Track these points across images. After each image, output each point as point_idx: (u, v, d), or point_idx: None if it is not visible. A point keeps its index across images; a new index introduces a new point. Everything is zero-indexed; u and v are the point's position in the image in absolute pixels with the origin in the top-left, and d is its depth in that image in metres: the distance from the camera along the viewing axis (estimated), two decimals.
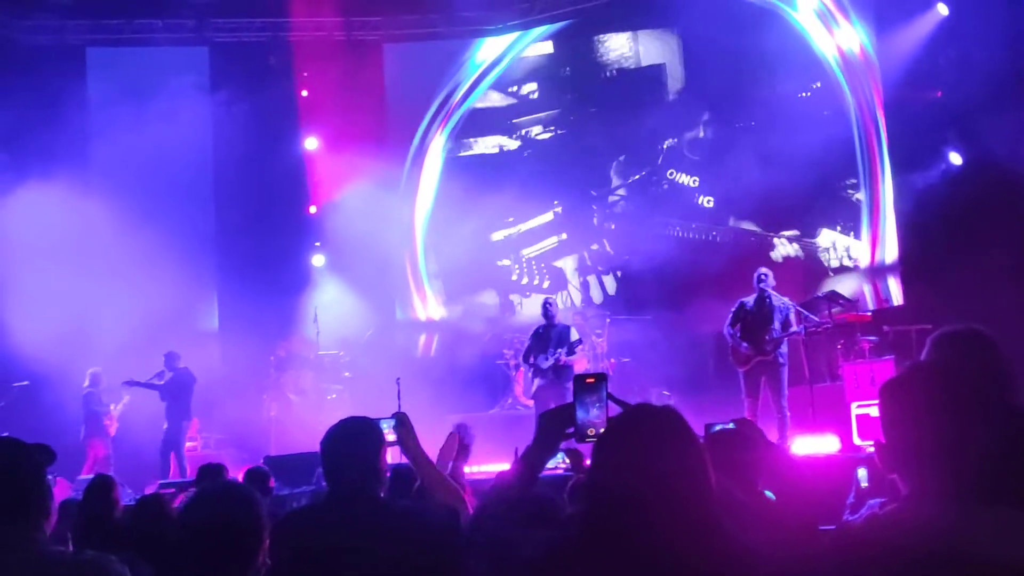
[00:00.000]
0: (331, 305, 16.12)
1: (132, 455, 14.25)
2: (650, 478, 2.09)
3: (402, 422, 3.88)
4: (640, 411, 2.28)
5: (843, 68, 15.24)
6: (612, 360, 14.59)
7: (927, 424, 2.13)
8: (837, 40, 15.30)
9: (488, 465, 10.00)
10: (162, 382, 14.16)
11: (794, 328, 11.09)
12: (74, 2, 16.94)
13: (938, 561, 1.97)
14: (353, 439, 3.52)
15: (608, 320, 15.23)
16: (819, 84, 15.58)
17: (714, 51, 15.60)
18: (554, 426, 2.63)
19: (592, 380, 2.65)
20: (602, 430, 2.48)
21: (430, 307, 17.96)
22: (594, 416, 2.61)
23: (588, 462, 2.32)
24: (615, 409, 2.50)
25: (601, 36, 17.73)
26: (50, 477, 3.05)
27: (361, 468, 3.48)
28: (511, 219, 17.77)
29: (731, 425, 4.10)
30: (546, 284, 17.67)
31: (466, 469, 6.20)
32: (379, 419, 3.79)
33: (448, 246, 17.14)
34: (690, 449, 2.17)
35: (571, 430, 2.62)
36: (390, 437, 3.78)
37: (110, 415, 14.53)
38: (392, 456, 3.78)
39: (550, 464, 8.23)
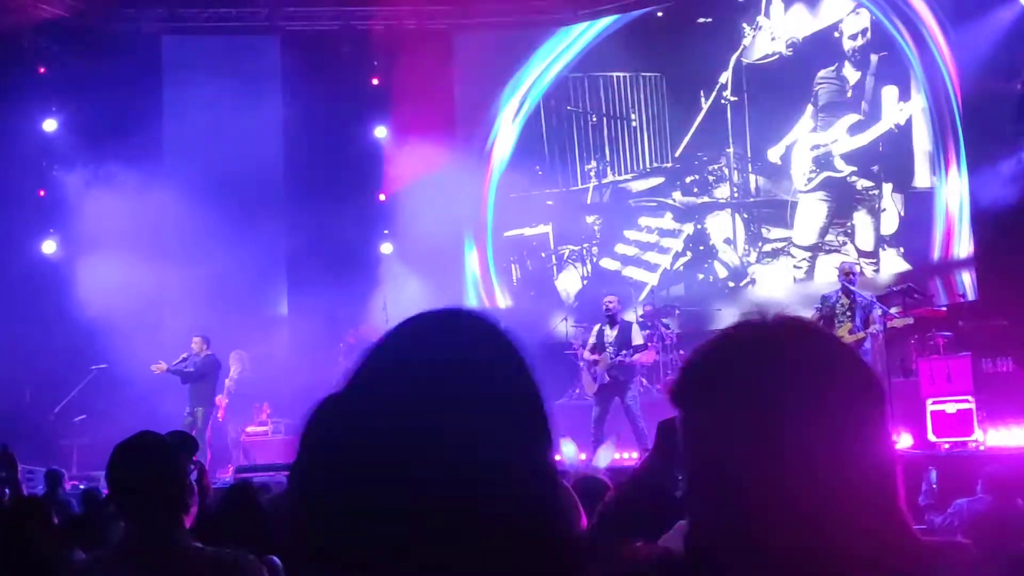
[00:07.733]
0: (400, 292, 16.20)
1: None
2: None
3: None
4: None
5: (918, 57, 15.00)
6: (681, 351, 14.50)
7: None
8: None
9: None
10: (191, 369, 13.95)
11: (876, 325, 10.93)
12: None
13: None
14: None
15: (677, 311, 15.14)
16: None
17: None
18: (675, 436, 2.56)
19: None
20: None
21: (498, 296, 17.97)
22: None
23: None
24: None
25: None
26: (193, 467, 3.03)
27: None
28: None
29: None
30: None
31: None
32: None
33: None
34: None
35: None
36: None
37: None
38: None
39: (620, 455, 8.21)
